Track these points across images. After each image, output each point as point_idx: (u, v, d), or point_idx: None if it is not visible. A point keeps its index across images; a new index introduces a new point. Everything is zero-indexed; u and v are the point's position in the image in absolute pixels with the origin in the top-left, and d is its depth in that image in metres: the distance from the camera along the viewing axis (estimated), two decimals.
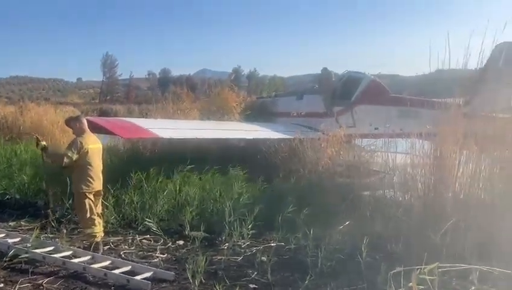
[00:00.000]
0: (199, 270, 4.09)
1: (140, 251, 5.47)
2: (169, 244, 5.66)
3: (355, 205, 6.24)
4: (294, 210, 5.87)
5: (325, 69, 11.02)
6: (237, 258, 5.07)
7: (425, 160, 5.53)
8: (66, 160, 5.22)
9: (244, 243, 5.53)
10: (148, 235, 5.93)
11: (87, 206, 5.30)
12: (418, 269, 3.10)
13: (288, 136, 8.75)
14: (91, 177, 5.31)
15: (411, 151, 6.15)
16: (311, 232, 5.00)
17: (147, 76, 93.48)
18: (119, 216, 6.48)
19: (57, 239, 5.55)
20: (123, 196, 6.66)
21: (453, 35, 5.61)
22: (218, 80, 14.87)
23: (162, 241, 5.74)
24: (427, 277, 3.00)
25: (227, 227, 5.52)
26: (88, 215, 5.31)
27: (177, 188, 7.03)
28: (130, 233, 6.07)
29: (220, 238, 5.67)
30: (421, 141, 5.90)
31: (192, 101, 13.04)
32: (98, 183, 5.41)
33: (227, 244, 5.48)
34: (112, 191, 6.54)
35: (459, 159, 4.97)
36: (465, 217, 4.60)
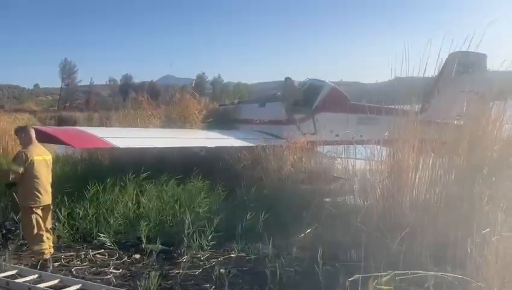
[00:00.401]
0: (152, 287, 3.91)
1: (94, 266, 5.21)
2: (125, 258, 5.43)
3: (317, 213, 6.26)
4: (256, 219, 5.82)
5: (288, 78, 11.08)
6: (195, 272, 4.91)
7: (384, 166, 5.59)
8: (12, 175, 4.94)
9: (203, 255, 5.38)
10: (103, 250, 5.67)
11: (34, 222, 4.99)
12: (375, 276, 3.12)
13: (250, 144, 8.69)
14: (38, 191, 5.01)
15: (370, 157, 6.23)
16: (272, 241, 4.95)
17: (107, 82, 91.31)
18: (72, 230, 6.18)
19: (2, 257, 5.20)
20: (77, 209, 6.35)
21: (412, 44, 5.74)
22: (182, 86, 14.55)
23: (117, 255, 5.50)
24: (384, 287, 3.01)
25: (186, 239, 5.35)
26: (35, 231, 5.01)
27: (135, 199, 6.79)
28: (83, 248, 5.78)
29: (178, 251, 5.48)
30: (379, 147, 5.98)
31: (154, 108, 12.74)
32: (46, 197, 5.12)
33: (185, 257, 5.30)
34: (66, 204, 6.24)
35: (415, 165, 5.04)
36: (421, 224, 4.65)
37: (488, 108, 4.97)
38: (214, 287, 4.42)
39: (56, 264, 5.21)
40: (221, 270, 4.62)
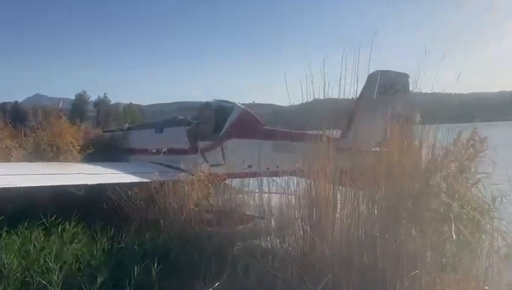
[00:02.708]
0: None
1: None
2: None
3: (227, 260, 6.24)
4: (149, 273, 5.63)
5: (207, 103, 11.15)
6: None
7: (301, 200, 5.81)
8: None
9: None
10: None
11: None
12: None
13: (144, 179, 8.47)
14: None
15: (286, 190, 6.42)
16: None
17: None
18: None
19: None
20: None
21: (329, 62, 6.13)
22: (54, 108, 13.81)
23: None
24: None
25: None
26: None
27: None
28: None
29: None
30: (295, 178, 6.20)
31: (17, 136, 11.93)
32: None
33: None
34: None
35: (334, 199, 5.29)
36: (345, 267, 4.86)
37: (410, 133, 5.44)
38: None
39: None
40: None
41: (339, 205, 5.46)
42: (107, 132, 12.59)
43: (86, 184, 8.29)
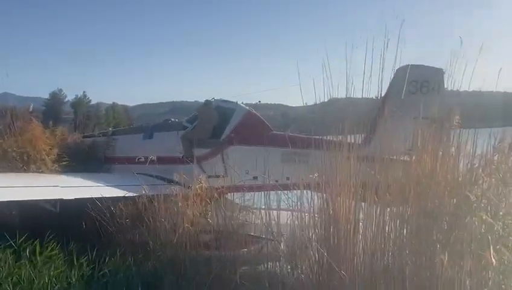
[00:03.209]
0: None
1: None
2: None
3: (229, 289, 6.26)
4: None
5: (207, 101, 11.20)
6: None
7: (317, 219, 5.82)
8: None
9: None
10: None
11: None
12: None
13: (130, 193, 8.52)
14: None
15: (299, 207, 6.43)
16: None
17: None
18: None
19: None
20: None
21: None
22: (24, 109, 13.88)
23: None
24: None
25: None
26: None
27: None
28: None
29: None
30: (309, 192, 6.21)
31: None
32: None
33: None
34: None
35: (356, 218, 5.31)
36: None
37: (445, 139, 5.44)
38: None
39: None
40: None
41: (361, 224, 5.47)
42: (86, 138, 12.65)
43: (62, 199, 8.33)
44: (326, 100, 6.31)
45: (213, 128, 10.51)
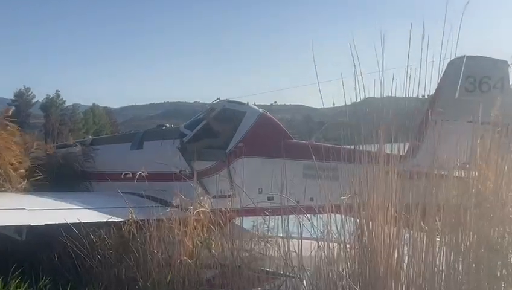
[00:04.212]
0: None
1: None
2: None
3: None
4: None
5: (210, 105, 11.27)
6: None
7: (349, 251, 5.79)
8: None
9: None
10: None
11: None
12: None
13: (115, 218, 8.51)
14: None
15: (326, 235, 6.40)
16: None
17: None
18: None
19: None
20: None
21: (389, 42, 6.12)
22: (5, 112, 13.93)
23: None
24: None
25: None
26: None
27: None
28: None
29: None
30: (339, 216, 6.17)
31: None
32: None
33: None
34: None
35: (398, 248, 5.27)
36: None
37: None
38: None
39: None
40: None
41: (405, 257, 5.43)
42: (60, 148, 12.69)
43: (29, 225, 8.35)
44: (359, 100, 6.29)
45: (218, 136, 10.50)
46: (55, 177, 11.04)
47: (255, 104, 11.10)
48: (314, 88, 6.78)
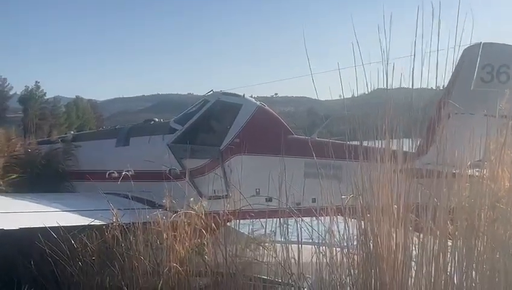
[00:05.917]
0: None
1: None
2: None
3: None
4: None
5: (202, 97, 11.26)
6: None
7: (353, 255, 5.79)
8: None
9: None
10: None
11: None
12: None
13: (98, 221, 8.51)
14: None
15: (328, 240, 6.40)
16: None
17: None
18: None
19: None
20: None
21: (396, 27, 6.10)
22: None
23: None
24: None
25: None
26: None
27: None
28: None
29: None
30: (343, 220, 6.17)
31: None
32: None
33: None
34: None
35: (406, 253, 5.26)
36: None
37: None
38: None
39: None
40: None
41: (413, 263, 5.43)
42: (42, 144, 12.70)
43: (2, 229, 8.34)
44: (368, 92, 6.28)
45: (211, 131, 10.51)
46: (35, 176, 11.06)
47: (252, 96, 11.09)
48: (319, 78, 6.77)
